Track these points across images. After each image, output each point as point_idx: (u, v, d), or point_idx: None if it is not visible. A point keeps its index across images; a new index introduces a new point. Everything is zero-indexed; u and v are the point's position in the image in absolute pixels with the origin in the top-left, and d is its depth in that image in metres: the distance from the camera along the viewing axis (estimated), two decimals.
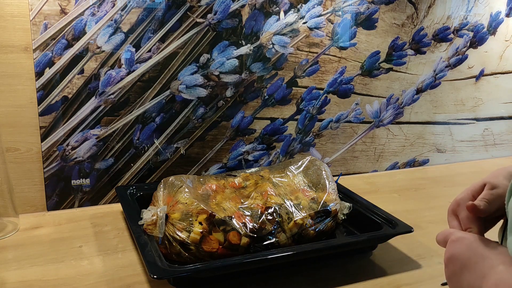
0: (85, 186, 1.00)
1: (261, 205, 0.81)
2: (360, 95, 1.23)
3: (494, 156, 1.49)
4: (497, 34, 1.36)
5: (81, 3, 0.91)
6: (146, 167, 1.05)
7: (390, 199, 1.11)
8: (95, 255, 0.81)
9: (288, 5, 1.07)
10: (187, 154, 1.08)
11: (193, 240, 0.74)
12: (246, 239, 0.76)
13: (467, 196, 0.57)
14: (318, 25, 1.12)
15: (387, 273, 0.79)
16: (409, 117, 1.31)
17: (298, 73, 1.14)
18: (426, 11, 1.24)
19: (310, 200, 0.86)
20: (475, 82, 1.38)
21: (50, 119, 0.95)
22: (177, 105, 1.04)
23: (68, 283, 0.72)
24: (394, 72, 1.25)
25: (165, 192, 0.81)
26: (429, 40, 1.27)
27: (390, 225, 0.83)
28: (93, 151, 0.99)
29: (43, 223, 0.92)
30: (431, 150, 1.38)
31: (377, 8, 1.17)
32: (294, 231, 0.80)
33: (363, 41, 1.18)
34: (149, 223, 0.77)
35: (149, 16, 0.97)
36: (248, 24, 1.05)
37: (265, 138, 1.15)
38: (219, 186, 0.87)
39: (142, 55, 0.98)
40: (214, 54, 1.04)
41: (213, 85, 1.05)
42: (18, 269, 0.76)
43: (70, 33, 0.92)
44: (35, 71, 0.91)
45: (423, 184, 1.23)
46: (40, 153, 0.95)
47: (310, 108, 1.17)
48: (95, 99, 0.97)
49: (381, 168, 1.32)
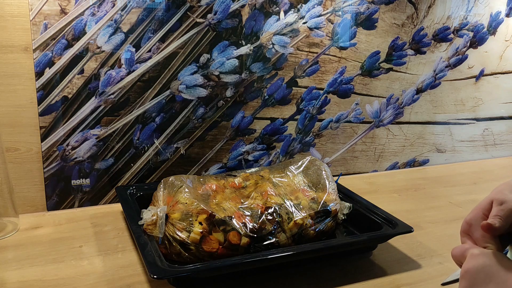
0: (85, 186, 1.00)
1: (261, 205, 0.81)
2: (360, 95, 1.23)
3: (494, 156, 1.49)
4: (497, 34, 1.36)
5: (81, 3, 0.91)
6: (146, 167, 1.05)
7: (390, 199, 1.11)
8: (95, 255, 0.81)
9: (288, 5, 1.07)
10: (187, 154, 1.08)
11: (193, 240, 0.74)
12: (246, 239, 0.76)
13: (478, 215, 0.57)
14: (318, 25, 1.12)
15: (387, 273, 0.79)
16: (409, 117, 1.31)
17: (298, 73, 1.14)
18: (426, 11, 1.24)
19: (310, 200, 0.86)
20: (475, 82, 1.38)
21: (50, 119, 0.95)
22: (177, 105, 1.04)
23: (68, 283, 0.72)
24: (394, 72, 1.25)
25: (165, 192, 0.81)
26: (429, 40, 1.27)
27: (390, 225, 0.83)
28: (93, 151, 0.99)
29: (43, 223, 0.92)
30: (431, 150, 1.38)
31: (377, 8, 1.17)
32: (294, 231, 0.80)
33: (363, 41, 1.18)
34: (149, 223, 0.77)
35: (149, 16, 0.97)
36: (248, 24, 1.05)
37: (265, 138, 1.15)
38: (219, 186, 0.87)
39: (142, 55, 0.98)
40: (214, 54, 1.04)
41: (213, 85, 1.05)
42: (18, 269, 0.75)
43: (70, 33, 0.92)
44: (35, 71, 0.91)
45: (423, 184, 1.23)
46: (40, 153, 0.95)
47: (310, 108, 1.17)
48: (95, 99, 0.97)
49: (381, 168, 1.32)
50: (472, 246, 0.54)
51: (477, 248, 0.53)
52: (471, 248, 0.53)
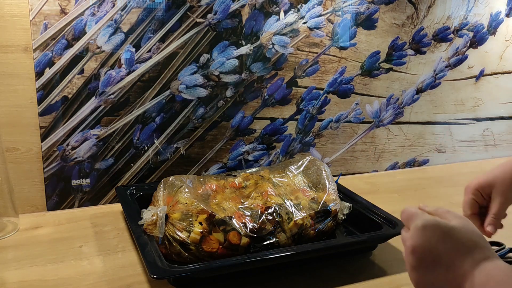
0: (85, 186, 1.00)
1: (261, 205, 0.81)
2: (360, 95, 1.23)
3: (494, 156, 1.49)
4: (497, 34, 1.36)
5: (81, 3, 0.91)
6: (146, 167, 1.05)
7: (390, 199, 1.11)
8: (95, 255, 0.81)
9: (288, 5, 1.07)
10: (187, 154, 1.08)
11: (193, 240, 0.74)
12: (246, 239, 0.76)
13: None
14: (318, 25, 1.12)
15: (387, 273, 0.79)
16: (409, 117, 1.31)
17: (298, 73, 1.14)
18: (426, 11, 1.24)
19: (310, 200, 0.86)
20: (475, 82, 1.38)
21: (50, 119, 0.95)
22: (177, 105, 1.04)
23: (68, 283, 0.72)
24: (394, 72, 1.25)
25: (165, 192, 0.81)
26: (429, 40, 1.27)
27: (390, 225, 0.83)
28: (93, 151, 0.99)
29: (43, 223, 0.92)
30: (431, 150, 1.38)
31: (377, 8, 1.17)
32: (294, 231, 0.80)
33: (363, 41, 1.18)
34: (149, 223, 0.77)
35: (149, 16, 0.97)
36: (248, 24, 1.05)
37: (265, 138, 1.15)
38: (219, 186, 0.87)
39: (142, 55, 0.98)
40: (214, 54, 1.04)
41: (213, 85, 1.05)
42: (18, 269, 0.76)
43: (70, 33, 0.92)
44: (35, 71, 0.91)
45: (423, 184, 1.23)
46: (40, 153, 0.95)
47: (310, 108, 1.17)
48: (95, 99, 0.97)
49: (381, 168, 1.32)
50: (417, 213, 0.51)
51: (420, 219, 0.49)
52: (416, 218, 0.50)
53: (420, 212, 0.51)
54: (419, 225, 0.49)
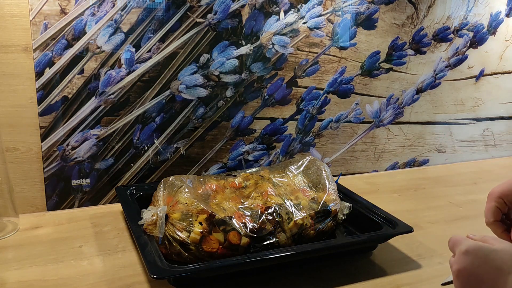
0: (85, 186, 1.00)
1: (261, 205, 0.81)
2: (360, 95, 1.23)
3: (494, 156, 1.49)
4: (497, 34, 1.36)
5: (81, 3, 0.91)
6: (146, 167, 1.05)
7: (390, 199, 1.11)
8: (95, 255, 0.81)
9: (288, 5, 1.07)
10: (187, 154, 1.08)
11: (193, 240, 0.74)
12: (246, 239, 0.76)
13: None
14: (318, 25, 1.12)
15: (387, 273, 0.79)
16: (409, 117, 1.31)
17: (298, 73, 1.14)
18: (426, 11, 1.24)
19: (310, 200, 0.86)
20: (475, 82, 1.38)
21: (50, 119, 0.95)
22: (177, 105, 1.04)
23: (68, 283, 0.72)
24: (394, 72, 1.25)
25: (165, 192, 0.81)
26: (429, 40, 1.27)
27: (390, 225, 0.83)
28: (93, 151, 0.99)
29: (43, 223, 0.92)
30: (431, 150, 1.38)
31: (377, 8, 1.17)
32: (294, 231, 0.80)
33: (363, 41, 1.18)
34: (149, 223, 0.77)
35: (149, 16, 0.97)
36: (248, 24, 1.05)
37: (265, 138, 1.15)
38: (219, 186, 0.87)
39: (142, 55, 0.98)
40: (214, 54, 1.04)
41: (213, 85, 1.05)
42: (18, 269, 0.75)
43: (70, 33, 0.92)
44: (35, 71, 0.91)
45: (423, 184, 1.23)
46: (40, 153, 0.95)
47: (310, 108, 1.17)
48: (95, 99, 0.97)
49: (381, 168, 1.32)
50: (462, 239, 0.54)
51: (464, 244, 0.53)
52: (460, 243, 0.53)
53: (464, 238, 0.55)
54: (462, 250, 0.52)
